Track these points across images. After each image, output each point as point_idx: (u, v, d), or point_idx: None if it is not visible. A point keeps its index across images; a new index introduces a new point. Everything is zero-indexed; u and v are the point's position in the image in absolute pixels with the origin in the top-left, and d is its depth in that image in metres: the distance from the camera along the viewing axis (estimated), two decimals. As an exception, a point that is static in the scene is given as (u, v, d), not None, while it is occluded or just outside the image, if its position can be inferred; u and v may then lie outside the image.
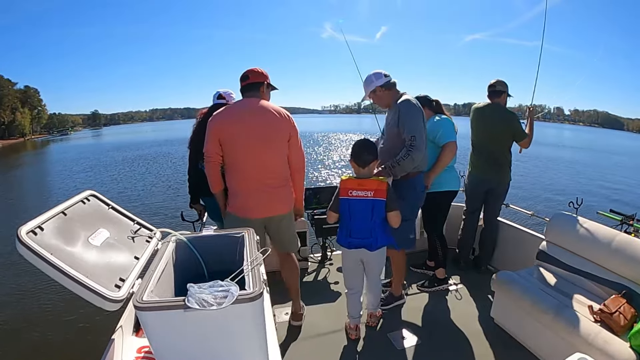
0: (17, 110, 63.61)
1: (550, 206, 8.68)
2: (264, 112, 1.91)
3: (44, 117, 78.45)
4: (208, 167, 1.94)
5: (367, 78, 2.25)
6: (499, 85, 2.87)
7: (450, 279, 2.90)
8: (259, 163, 1.91)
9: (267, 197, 1.97)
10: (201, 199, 2.61)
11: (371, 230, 1.96)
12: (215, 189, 2.01)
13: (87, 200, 1.38)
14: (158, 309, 0.95)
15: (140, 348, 1.27)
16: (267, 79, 2.02)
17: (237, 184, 1.97)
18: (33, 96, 72.29)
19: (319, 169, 14.94)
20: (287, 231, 2.14)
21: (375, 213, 1.93)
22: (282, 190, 2.02)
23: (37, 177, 16.66)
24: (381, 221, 1.96)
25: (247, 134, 1.87)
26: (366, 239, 1.98)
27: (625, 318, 1.71)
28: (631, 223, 2.38)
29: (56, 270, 0.99)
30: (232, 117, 1.90)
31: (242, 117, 1.89)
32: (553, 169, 16.73)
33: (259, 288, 1.03)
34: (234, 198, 2.00)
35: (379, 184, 1.92)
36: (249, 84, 1.98)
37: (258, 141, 1.88)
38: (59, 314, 3.97)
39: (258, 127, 1.89)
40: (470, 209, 3.05)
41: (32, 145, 46.46)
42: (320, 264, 3.24)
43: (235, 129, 1.87)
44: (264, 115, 1.91)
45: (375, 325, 2.31)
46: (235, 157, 1.92)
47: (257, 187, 1.95)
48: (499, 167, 2.89)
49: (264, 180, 1.94)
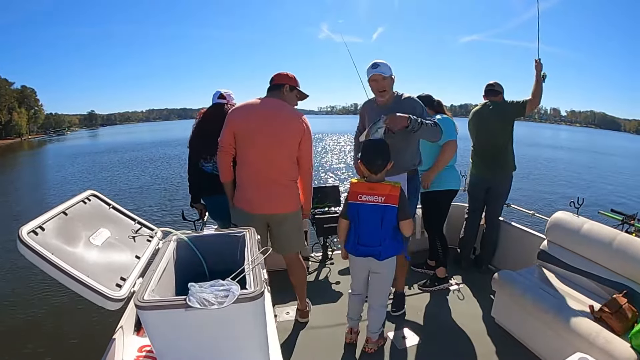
0: (14, 110, 63.91)
1: (551, 206, 8.66)
2: (279, 112, 1.97)
3: (41, 117, 78.73)
4: (220, 156, 2.02)
5: (383, 63, 2.06)
6: (497, 86, 2.91)
7: (452, 278, 2.90)
8: (267, 160, 1.96)
9: (272, 194, 2.00)
10: (202, 198, 2.61)
11: (381, 239, 1.85)
12: (225, 178, 2.08)
13: (88, 200, 1.38)
14: (159, 308, 0.95)
15: (141, 347, 1.27)
16: (291, 82, 2.04)
17: (245, 178, 2.03)
18: (30, 96, 72.54)
19: (318, 170, 14.93)
20: (289, 232, 2.13)
21: (385, 220, 1.82)
22: (287, 190, 2.04)
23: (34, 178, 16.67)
24: (392, 229, 1.84)
25: (260, 130, 1.93)
26: (375, 248, 1.87)
27: (626, 318, 1.71)
28: (632, 223, 2.37)
29: (57, 269, 1.00)
30: (249, 112, 1.96)
31: (258, 114, 1.95)
32: (553, 169, 16.72)
33: (260, 287, 1.03)
34: (240, 192, 2.05)
35: (392, 189, 1.80)
36: (272, 85, 2.05)
37: (269, 139, 1.94)
38: (60, 314, 3.98)
39: (271, 126, 1.94)
40: (471, 208, 3.06)
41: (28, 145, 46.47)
42: (321, 264, 3.24)
43: (250, 125, 1.94)
44: (279, 115, 1.96)
45: (372, 352, 2.07)
46: (247, 152, 1.98)
47: (263, 183, 1.99)
48: (499, 166, 2.89)
49: (270, 177, 1.99)
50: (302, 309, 2.39)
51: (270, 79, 2.08)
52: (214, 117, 2.31)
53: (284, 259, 2.25)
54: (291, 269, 2.26)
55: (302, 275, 2.30)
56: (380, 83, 2.07)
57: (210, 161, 2.40)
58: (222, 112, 2.20)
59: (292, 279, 2.29)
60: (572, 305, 1.93)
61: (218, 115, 2.23)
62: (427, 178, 2.57)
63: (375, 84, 2.09)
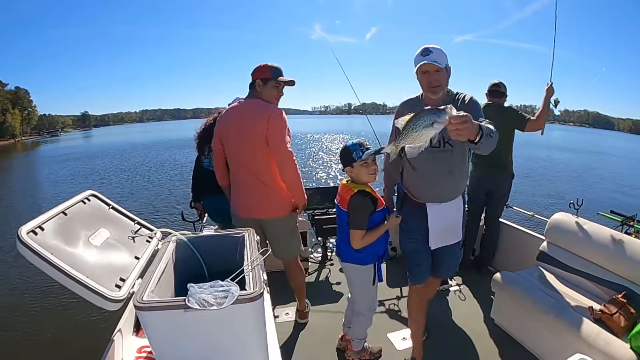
0: (7, 112, 63.94)
1: (551, 207, 8.66)
2: (241, 112, 1.95)
3: (34, 119, 78.61)
4: (215, 161, 2.11)
5: (437, 49, 1.54)
6: (502, 87, 2.89)
7: (452, 279, 2.90)
8: (240, 164, 1.98)
9: (253, 199, 1.98)
10: (202, 198, 2.61)
11: (339, 242, 1.78)
12: (222, 182, 2.15)
13: (88, 200, 1.38)
14: (158, 308, 0.95)
15: (140, 348, 1.27)
16: (262, 75, 1.91)
17: (231, 183, 2.09)
18: (23, 97, 72.51)
19: (316, 170, 14.88)
20: (280, 237, 2.07)
21: (340, 223, 1.73)
22: (266, 195, 1.95)
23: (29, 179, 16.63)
24: (346, 235, 1.69)
25: (227, 133, 1.97)
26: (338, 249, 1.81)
27: (626, 319, 1.71)
28: (632, 224, 2.36)
29: (56, 270, 1.00)
30: (226, 118, 2.01)
31: (230, 118, 1.98)
32: (552, 169, 16.72)
33: (259, 288, 1.03)
34: (231, 195, 2.11)
35: (347, 191, 1.66)
36: (250, 84, 1.99)
37: (235, 140, 1.95)
38: (59, 314, 3.97)
39: (237, 129, 1.93)
40: (471, 210, 3.05)
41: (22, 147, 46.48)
42: (320, 264, 3.24)
43: (223, 128, 2.00)
44: (241, 116, 1.94)
45: (344, 349, 2.03)
46: (228, 157, 2.04)
47: (242, 188, 2.02)
48: (499, 168, 2.89)
49: (247, 181, 1.98)
50: (301, 310, 2.39)
51: None
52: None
53: (282, 263, 2.24)
54: (289, 273, 2.25)
55: (301, 279, 2.28)
56: (434, 76, 1.54)
57: (208, 156, 2.40)
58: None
59: (291, 282, 2.28)
60: (572, 306, 1.93)
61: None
62: None
63: (427, 76, 1.55)
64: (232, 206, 2.10)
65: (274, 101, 1.95)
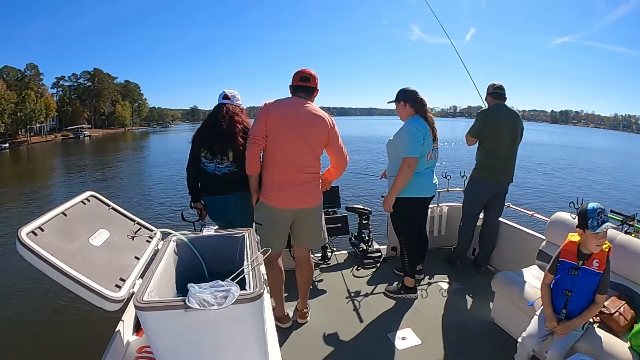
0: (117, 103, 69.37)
1: (551, 206, 8.67)
2: (311, 115, 2.02)
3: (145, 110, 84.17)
4: (250, 149, 2.04)
5: None
6: (504, 90, 2.92)
7: (453, 279, 2.91)
8: (293, 160, 2.01)
9: (296, 190, 2.04)
10: (202, 198, 2.60)
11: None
12: (252, 171, 2.09)
13: (87, 201, 1.38)
14: (158, 309, 0.95)
15: (140, 348, 1.27)
16: (317, 84, 2.13)
17: (271, 173, 2.07)
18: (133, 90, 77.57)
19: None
20: (313, 226, 2.19)
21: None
22: (309, 186, 2.08)
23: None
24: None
25: (290, 131, 1.99)
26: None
27: (625, 318, 1.71)
28: (631, 224, 2.36)
29: (56, 270, 1.00)
30: (283, 111, 2.02)
31: (291, 114, 2.01)
32: (553, 169, 16.72)
33: (260, 288, 1.03)
34: (265, 187, 2.09)
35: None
36: (307, 87, 2.09)
37: (298, 140, 1.99)
38: (60, 314, 3.98)
39: (301, 128, 1.99)
40: (472, 211, 3.03)
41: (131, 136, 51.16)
42: (320, 264, 3.24)
43: (281, 123, 2.00)
44: (311, 119, 2.02)
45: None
46: (274, 148, 2.03)
47: (288, 180, 2.03)
48: (513, 168, 2.93)
49: (295, 175, 2.03)
50: (301, 310, 2.39)
51: (301, 76, 2.09)
52: (214, 116, 2.32)
53: (295, 256, 2.30)
54: (300, 266, 2.30)
55: (309, 274, 2.33)
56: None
57: (213, 161, 2.39)
58: (223, 112, 2.23)
59: (299, 276, 2.31)
60: (572, 305, 1.92)
61: (216, 114, 2.25)
62: (385, 202, 2.45)
63: None
64: (270, 199, 2.06)
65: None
